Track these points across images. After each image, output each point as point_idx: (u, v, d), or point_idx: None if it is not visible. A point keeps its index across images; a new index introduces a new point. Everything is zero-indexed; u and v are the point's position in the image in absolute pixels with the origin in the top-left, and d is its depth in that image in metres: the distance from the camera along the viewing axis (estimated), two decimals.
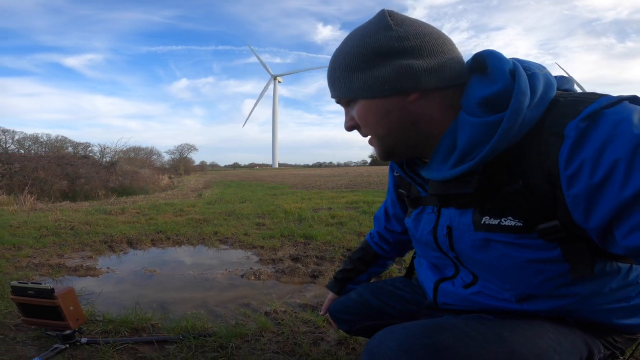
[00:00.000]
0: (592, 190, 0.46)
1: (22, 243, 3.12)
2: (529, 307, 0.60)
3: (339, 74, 0.60)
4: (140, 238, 3.41)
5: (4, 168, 9.04)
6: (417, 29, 0.56)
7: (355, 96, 0.59)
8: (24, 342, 1.25)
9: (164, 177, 17.31)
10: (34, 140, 17.79)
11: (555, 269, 0.55)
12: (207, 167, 51.43)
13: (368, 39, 0.56)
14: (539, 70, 0.54)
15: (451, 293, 0.70)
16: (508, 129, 0.50)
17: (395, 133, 0.59)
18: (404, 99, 0.56)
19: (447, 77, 0.56)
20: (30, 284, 1.19)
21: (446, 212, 0.64)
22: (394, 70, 0.55)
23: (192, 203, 6.30)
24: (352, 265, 1.05)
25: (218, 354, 1.18)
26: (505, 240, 0.56)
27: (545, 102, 0.52)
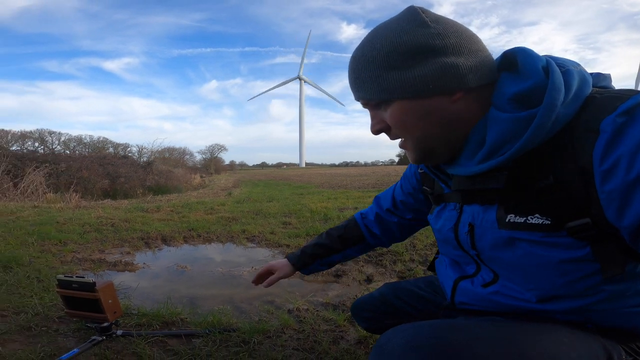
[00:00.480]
0: (627, 187, 0.45)
1: (67, 239, 3.35)
2: (550, 307, 0.59)
3: (370, 74, 0.56)
4: (174, 235, 3.57)
5: (51, 168, 9.76)
6: (453, 26, 0.55)
7: (391, 97, 0.56)
8: (65, 333, 1.36)
9: (196, 177, 17.98)
10: (78, 141, 19.12)
11: (583, 268, 0.53)
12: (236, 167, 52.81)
13: (405, 36, 0.54)
14: (573, 67, 0.53)
15: (469, 292, 0.68)
16: (541, 125, 0.49)
17: (434, 135, 0.58)
18: (448, 99, 0.55)
19: (485, 74, 0.55)
20: (74, 277, 1.29)
21: (469, 209, 0.63)
22: (438, 69, 0.53)
23: (222, 202, 6.52)
24: (328, 241, 0.99)
25: (240, 348, 1.24)
26: (531, 238, 0.54)
27: (580, 99, 0.51)
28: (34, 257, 2.65)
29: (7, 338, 1.27)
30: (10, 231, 3.59)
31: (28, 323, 1.40)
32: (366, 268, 2.44)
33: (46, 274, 2.19)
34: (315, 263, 1.00)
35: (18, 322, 1.41)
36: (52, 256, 2.75)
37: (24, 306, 1.58)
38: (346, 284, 2.15)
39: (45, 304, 1.63)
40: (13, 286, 1.91)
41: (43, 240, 3.23)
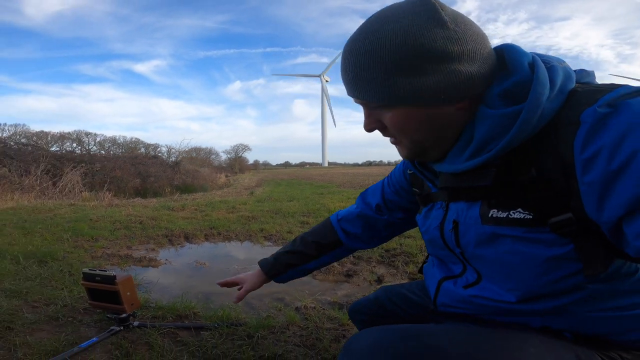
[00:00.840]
0: (608, 178, 0.44)
1: (99, 235, 3.57)
2: (529, 307, 0.58)
3: (375, 75, 0.52)
4: (196, 233, 3.72)
5: (87, 168, 10.36)
6: (471, 28, 0.52)
7: (398, 103, 0.53)
8: (88, 324, 1.48)
9: (221, 176, 18.47)
10: (113, 142, 20.14)
11: (565, 267, 0.52)
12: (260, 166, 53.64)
13: (421, 38, 0.49)
14: (558, 64, 0.54)
15: (451, 292, 0.68)
16: (527, 120, 0.49)
17: (431, 137, 0.57)
18: (455, 106, 0.53)
19: (491, 78, 0.54)
20: (97, 271, 1.40)
21: (454, 206, 0.62)
22: (450, 78, 0.50)
23: (244, 201, 6.68)
24: (302, 247, 0.94)
25: (244, 342, 1.31)
26: (513, 234, 0.54)
27: (564, 93, 0.51)
28: (68, 252, 2.85)
29: (35, 327, 1.40)
30: (48, 228, 3.87)
31: (56, 314, 1.53)
32: (378, 269, 2.46)
33: (77, 268, 2.36)
34: (289, 272, 0.97)
35: (47, 312, 1.54)
36: (84, 252, 2.94)
37: (54, 298, 1.73)
38: (356, 284, 2.18)
39: (73, 296, 1.77)
40: (46, 279, 2.08)
41: (77, 237, 3.46)
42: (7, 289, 1.83)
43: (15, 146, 11.10)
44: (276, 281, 1.00)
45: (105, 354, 1.21)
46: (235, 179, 18.16)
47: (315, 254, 0.94)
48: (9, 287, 1.86)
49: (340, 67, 0.58)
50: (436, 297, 0.71)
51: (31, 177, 8.54)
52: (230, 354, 1.22)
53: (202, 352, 1.24)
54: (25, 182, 8.32)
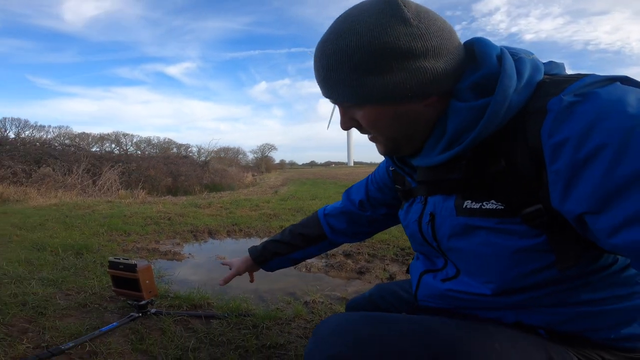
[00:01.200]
0: (575, 166, 0.44)
1: (131, 230, 3.79)
2: (504, 300, 0.58)
3: (343, 76, 0.53)
4: (219, 229, 3.88)
5: (124, 167, 10.98)
6: (435, 23, 0.52)
7: (366, 102, 0.54)
8: (112, 310, 1.61)
9: (248, 175, 18.90)
10: (148, 142, 21.15)
11: (538, 259, 0.52)
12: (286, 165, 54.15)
13: (384, 36, 0.49)
14: (526, 56, 0.54)
15: (430, 286, 0.69)
16: (495, 113, 0.49)
17: (405, 133, 0.58)
18: (422, 102, 0.54)
19: (459, 75, 0.54)
20: (121, 259, 1.53)
21: (432, 199, 0.63)
22: (416, 75, 0.51)
23: (268, 199, 6.83)
24: (290, 238, 0.98)
25: (249, 331, 1.38)
26: (486, 225, 0.54)
27: (532, 85, 0.51)
28: (102, 245, 3.07)
29: (65, 313, 1.54)
30: (86, 223, 4.16)
31: (85, 301, 1.68)
32: (391, 266, 2.47)
33: (107, 261, 2.55)
34: (276, 260, 1.01)
35: (77, 300, 1.69)
36: (116, 245, 3.15)
37: (85, 286, 1.89)
38: (368, 281, 2.21)
39: (102, 285, 1.92)
40: (80, 270, 2.26)
41: (111, 231, 3.70)
42: (44, 277, 2.02)
43: (59, 147, 11.96)
44: (263, 268, 1.04)
45: (122, 338, 1.32)
46: (262, 178, 18.53)
47: (301, 245, 0.98)
48: (46, 276, 2.05)
49: (314, 69, 0.58)
50: (417, 290, 0.73)
51: (73, 176, 9.19)
52: (235, 342, 1.30)
53: (209, 338, 1.33)
54: (68, 180, 8.96)
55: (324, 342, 0.57)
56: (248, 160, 34.97)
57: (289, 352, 1.25)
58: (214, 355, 1.22)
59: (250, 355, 1.23)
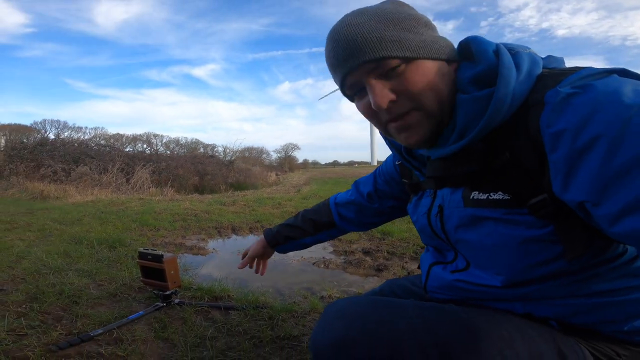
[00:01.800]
0: (574, 156, 0.44)
1: (160, 226, 3.97)
2: (514, 292, 0.58)
3: (389, 33, 0.53)
4: (242, 226, 3.98)
5: (155, 166, 11.44)
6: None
7: (415, 54, 0.53)
8: (139, 300, 1.70)
9: (272, 174, 19.15)
10: (176, 142, 21.91)
11: (546, 249, 0.53)
12: (309, 165, 54.29)
13: (407, 9, 0.57)
14: (522, 50, 0.56)
15: (439, 277, 0.69)
16: (500, 100, 0.50)
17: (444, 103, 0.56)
18: (451, 67, 0.58)
19: (453, 55, 0.59)
20: (150, 250, 1.62)
21: (441, 192, 0.64)
22: (433, 37, 0.57)
23: (290, 197, 6.92)
24: (302, 223, 1.02)
25: (265, 322, 1.43)
26: (493, 216, 0.55)
27: (532, 77, 0.52)
28: (134, 239, 3.24)
29: (97, 302, 1.65)
30: (120, 218, 4.39)
31: (116, 291, 1.79)
32: (410, 264, 2.45)
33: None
34: (288, 244, 1.05)
35: (109, 290, 1.81)
36: (146, 239, 3.31)
37: (116, 277, 2.01)
38: (385, 278, 2.21)
39: (132, 277, 2.04)
40: (113, 262, 2.41)
41: (142, 227, 3.89)
42: (80, 269, 2.16)
43: (95, 147, 12.63)
44: (277, 251, 1.08)
45: (146, 326, 1.40)
46: (285, 178, 18.74)
47: (312, 231, 1.02)
48: (82, 267, 2.20)
49: (338, 46, 0.55)
50: (426, 281, 0.73)
51: (108, 175, 9.68)
52: (251, 332, 1.35)
53: (226, 328, 1.39)
54: (104, 179, 9.46)
55: (330, 325, 0.58)
56: (272, 159, 35.49)
57: (302, 344, 1.28)
58: (230, 344, 1.27)
59: (264, 345, 1.27)
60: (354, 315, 0.58)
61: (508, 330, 0.55)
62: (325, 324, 0.59)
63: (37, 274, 2.05)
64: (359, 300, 0.62)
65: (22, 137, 14.41)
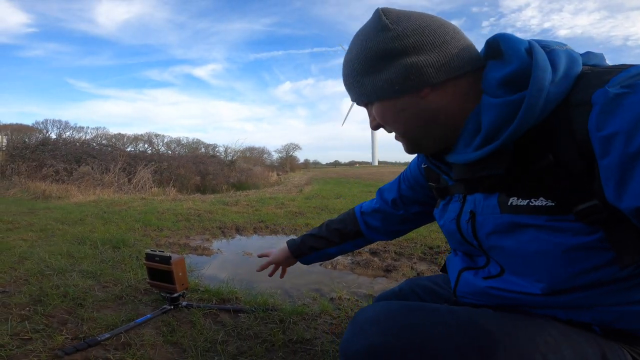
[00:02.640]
0: (626, 161, 0.42)
1: (164, 226, 3.93)
2: (555, 300, 0.55)
3: (351, 80, 0.62)
4: (246, 226, 3.95)
5: (157, 166, 11.41)
6: (415, 23, 0.56)
7: (369, 100, 0.61)
8: (146, 303, 1.66)
9: (273, 174, 19.15)
10: (177, 142, 21.92)
11: (594, 256, 0.50)
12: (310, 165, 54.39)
13: (369, 42, 0.58)
14: (559, 47, 0.53)
15: (470, 283, 0.66)
16: (532, 106, 0.48)
17: (415, 128, 0.60)
18: (417, 96, 0.57)
19: (455, 66, 0.56)
20: (157, 252, 1.59)
21: (471, 198, 0.62)
22: (399, 71, 0.56)
23: (293, 197, 6.89)
24: (326, 233, 1.00)
25: (276, 325, 1.39)
26: (535, 223, 0.52)
27: (571, 77, 0.50)
28: (137, 240, 3.20)
29: (103, 305, 1.61)
30: (123, 218, 4.36)
31: (121, 293, 1.75)
32: (419, 265, 2.41)
33: (144, 254, 2.65)
34: (313, 255, 1.03)
35: (115, 292, 1.77)
36: (150, 240, 3.28)
37: (121, 279, 1.98)
38: (394, 279, 2.17)
39: (137, 279, 2.00)
40: (118, 263, 2.37)
41: (146, 227, 3.86)
42: (84, 270, 2.13)
43: (97, 147, 12.61)
44: (300, 261, 1.07)
45: (154, 330, 1.36)
46: (286, 177, 18.72)
47: (337, 241, 1.00)
48: (86, 268, 2.17)
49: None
50: (456, 287, 0.71)
51: (110, 174, 9.66)
52: (262, 336, 1.31)
53: (237, 332, 1.35)
54: (106, 178, 9.43)
55: (363, 331, 0.56)
56: (273, 159, 35.52)
57: (315, 347, 1.25)
58: (241, 349, 1.23)
59: (276, 350, 1.23)
60: (388, 321, 0.56)
61: (552, 334, 0.53)
62: (357, 329, 0.58)
63: (41, 275, 2.02)
64: (390, 306, 0.60)
65: (24, 136, 14.40)
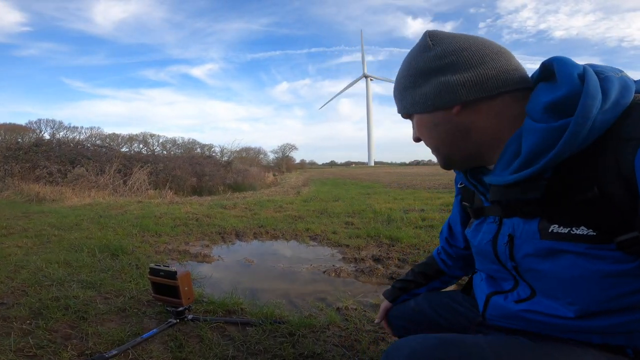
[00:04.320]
0: None
1: (162, 231, 3.88)
2: (589, 324, 0.56)
3: (397, 93, 0.69)
4: (245, 231, 3.92)
5: (152, 167, 11.31)
6: (456, 44, 0.60)
7: (409, 112, 0.67)
8: (150, 316, 1.64)
9: (269, 175, 19.11)
10: (173, 142, 21.77)
11: (631, 283, 0.51)
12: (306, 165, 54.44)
13: (413, 61, 0.64)
14: (614, 74, 0.52)
15: (501, 307, 0.67)
16: (575, 134, 0.48)
17: (447, 144, 0.64)
18: (448, 112, 0.61)
19: (490, 86, 0.57)
20: (162, 266, 1.56)
21: (509, 221, 0.63)
22: (433, 88, 0.61)
23: (291, 200, 6.87)
24: (412, 277, 1.05)
25: (286, 339, 1.37)
26: (575, 250, 0.53)
27: (621, 105, 0.50)
28: (136, 246, 3.16)
29: (106, 318, 1.58)
30: (120, 223, 4.31)
31: (124, 305, 1.72)
32: None
33: (143, 262, 2.61)
34: (403, 296, 1.06)
35: (117, 304, 1.74)
36: (149, 246, 3.24)
37: (123, 290, 1.94)
38: None
39: (139, 289, 1.97)
40: (117, 272, 2.33)
41: (144, 232, 3.81)
42: (84, 280, 2.09)
43: (91, 147, 12.48)
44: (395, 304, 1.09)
45: (161, 345, 1.34)
46: (283, 178, 18.69)
47: (423, 282, 1.04)
48: (85, 278, 2.13)
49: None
50: (485, 310, 0.72)
51: (106, 176, 9.55)
52: (272, 350, 1.29)
53: (246, 347, 1.33)
54: (101, 180, 9.33)
55: None
56: (269, 160, 35.45)
57: None
58: None
59: None
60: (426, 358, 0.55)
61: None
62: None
63: (39, 286, 1.98)
64: (427, 342, 0.59)
65: (17, 137, 14.20)
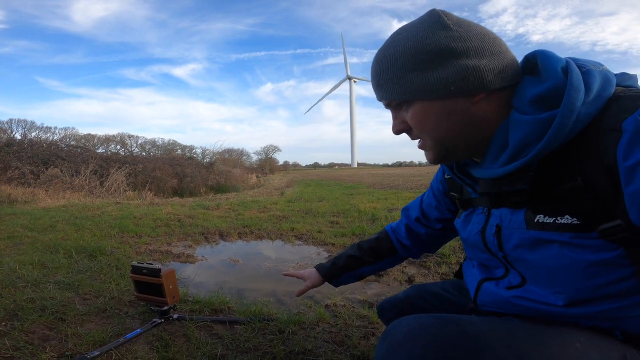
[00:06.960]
0: None
1: (142, 232, 3.77)
2: (577, 311, 0.57)
3: (391, 75, 0.58)
4: (229, 231, 3.85)
5: (131, 168, 10.99)
6: (475, 29, 0.56)
7: (413, 97, 0.57)
8: (133, 316, 1.58)
9: (252, 176, 18.93)
10: (152, 144, 21.28)
11: (614, 271, 0.52)
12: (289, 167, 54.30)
13: (427, 39, 0.55)
14: (595, 67, 0.54)
15: (492, 293, 0.68)
16: (561, 126, 0.49)
17: (454, 136, 0.59)
18: (469, 100, 0.56)
19: (508, 77, 0.56)
20: (145, 264, 1.50)
21: (497, 212, 0.63)
22: (459, 71, 0.54)
23: (275, 201, 6.81)
24: (359, 253, 0.99)
25: (276, 336, 1.35)
26: (559, 239, 0.54)
27: (603, 98, 0.51)
28: (115, 247, 3.05)
29: (85, 319, 1.52)
30: (97, 225, 4.15)
31: (104, 306, 1.65)
32: (409, 269, 2.43)
33: (124, 262, 2.52)
34: (345, 275, 1.02)
35: (97, 304, 1.67)
36: (129, 247, 3.13)
37: (102, 290, 1.87)
38: (386, 284, 2.18)
39: (120, 289, 1.90)
40: (96, 273, 2.24)
41: (123, 233, 3.69)
42: (60, 281, 2.00)
43: (65, 148, 12.00)
44: (332, 284, 1.05)
45: (147, 345, 1.29)
46: (266, 180, 18.55)
47: (371, 260, 0.99)
48: (62, 279, 2.03)
49: (370, 77, 0.64)
50: (476, 296, 0.72)
51: (81, 177, 9.21)
52: (262, 348, 1.27)
53: (235, 345, 1.30)
54: (76, 181, 8.98)
55: (400, 345, 0.56)
56: (252, 161, 35.16)
57: (319, 358, 1.22)
58: None
59: None
60: (423, 334, 0.55)
61: (581, 341, 0.55)
62: (395, 345, 0.57)
63: (13, 288, 1.87)
64: (423, 320, 0.59)
65: None
